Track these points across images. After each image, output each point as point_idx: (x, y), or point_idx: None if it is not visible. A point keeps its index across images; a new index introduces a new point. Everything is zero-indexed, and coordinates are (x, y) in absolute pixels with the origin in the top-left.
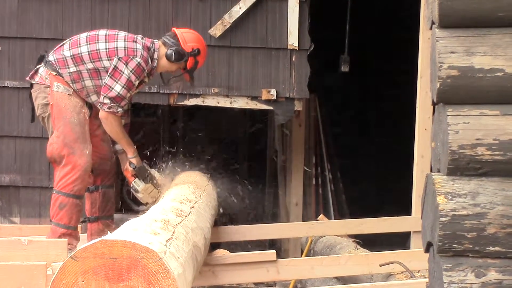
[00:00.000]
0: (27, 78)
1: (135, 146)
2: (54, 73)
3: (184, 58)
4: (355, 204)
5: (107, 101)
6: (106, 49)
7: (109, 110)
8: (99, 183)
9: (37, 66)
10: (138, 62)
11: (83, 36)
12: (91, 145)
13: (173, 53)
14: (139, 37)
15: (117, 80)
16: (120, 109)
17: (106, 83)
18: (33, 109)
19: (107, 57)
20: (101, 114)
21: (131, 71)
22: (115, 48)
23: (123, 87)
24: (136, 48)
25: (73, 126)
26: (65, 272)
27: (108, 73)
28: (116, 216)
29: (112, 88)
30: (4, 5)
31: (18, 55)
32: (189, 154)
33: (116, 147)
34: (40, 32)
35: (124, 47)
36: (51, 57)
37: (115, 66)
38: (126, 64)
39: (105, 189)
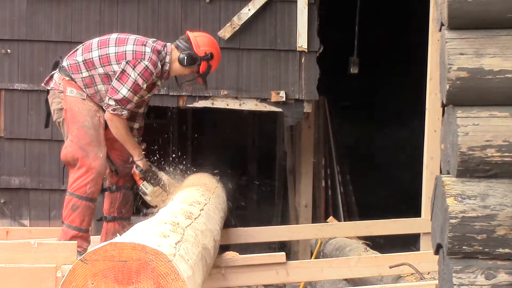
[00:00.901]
0: (43, 84)
1: (141, 149)
2: (67, 78)
3: (196, 63)
4: (364, 205)
5: (112, 103)
6: (115, 53)
7: (114, 112)
8: (121, 183)
9: (52, 72)
10: (146, 65)
11: (95, 41)
12: (105, 148)
13: (185, 57)
14: (151, 40)
15: (124, 83)
16: (125, 112)
17: (113, 86)
18: (48, 114)
19: (116, 61)
20: (106, 116)
21: (138, 74)
22: (124, 52)
23: (129, 90)
24: (145, 52)
25: (87, 130)
26: (74, 274)
27: (116, 76)
28: None
29: (119, 91)
30: (13, 8)
31: (27, 57)
32: (198, 156)
33: None
34: (49, 34)
35: (133, 51)
36: (64, 62)
37: (122, 69)
38: (134, 67)
39: (126, 190)
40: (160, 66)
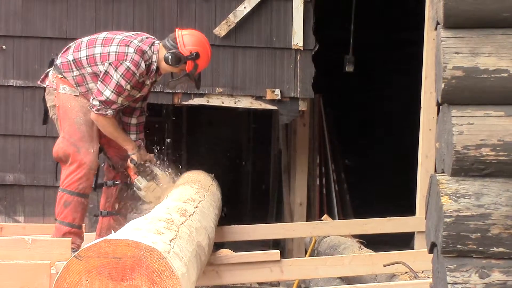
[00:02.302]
0: (39, 82)
1: (135, 143)
2: (60, 76)
3: (181, 62)
4: (359, 204)
5: (96, 103)
6: (100, 53)
7: (98, 113)
8: (118, 179)
9: (48, 70)
10: (128, 66)
11: (85, 39)
12: (98, 144)
13: (170, 56)
14: (137, 40)
15: (107, 85)
16: (109, 111)
17: (97, 88)
18: (45, 111)
19: (101, 62)
20: (92, 116)
21: (120, 76)
22: (108, 53)
23: (112, 92)
24: (127, 52)
25: (79, 126)
26: (68, 271)
27: (100, 78)
28: None
29: (102, 93)
30: (9, 4)
31: (22, 54)
32: (193, 153)
33: None
34: (44, 31)
35: (116, 52)
36: (58, 60)
37: (105, 71)
38: (116, 69)
39: (122, 186)
40: (144, 66)
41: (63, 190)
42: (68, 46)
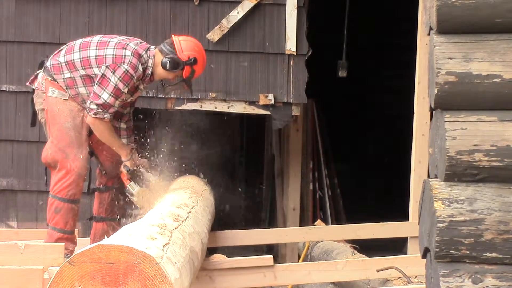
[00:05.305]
0: (28, 83)
1: (129, 149)
2: (50, 79)
3: (179, 67)
4: (352, 209)
5: (93, 106)
6: (95, 56)
7: (95, 116)
8: (111, 184)
9: (37, 71)
10: (126, 69)
11: (78, 42)
12: (87, 149)
13: (168, 61)
14: (133, 43)
15: (104, 88)
16: (107, 115)
17: (94, 91)
18: (33, 113)
19: (96, 65)
20: (88, 120)
21: (118, 79)
22: (104, 56)
23: (110, 95)
24: (125, 55)
25: (67, 131)
26: (61, 276)
27: (96, 81)
28: None
29: (100, 96)
30: (2, 9)
31: (15, 59)
32: (186, 158)
33: None
34: (38, 36)
35: (113, 55)
36: (48, 62)
37: (103, 73)
38: (114, 71)
39: (115, 191)
40: (141, 70)
41: (53, 196)
42: (60, 48)
